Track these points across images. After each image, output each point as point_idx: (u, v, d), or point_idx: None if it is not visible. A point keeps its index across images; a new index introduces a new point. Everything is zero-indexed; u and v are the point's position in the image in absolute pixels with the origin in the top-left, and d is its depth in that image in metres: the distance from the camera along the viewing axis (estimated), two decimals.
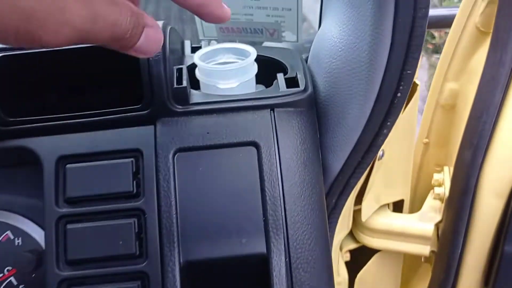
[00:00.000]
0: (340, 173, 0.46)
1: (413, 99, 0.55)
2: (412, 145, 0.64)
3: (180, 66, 0.41)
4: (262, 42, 0.69)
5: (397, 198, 0.68)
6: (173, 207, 0.38)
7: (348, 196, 0.50)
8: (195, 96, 0.42)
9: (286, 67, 0.47)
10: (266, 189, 0.39)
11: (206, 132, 0.40)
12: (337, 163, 0.46)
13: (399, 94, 0.40)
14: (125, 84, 0.43)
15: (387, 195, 0.67)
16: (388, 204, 0.70)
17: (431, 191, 0.72)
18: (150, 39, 0.29)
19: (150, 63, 0.39)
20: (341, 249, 0.67)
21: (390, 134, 0.48)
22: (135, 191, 0.39)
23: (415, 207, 0.76)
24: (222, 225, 0.38)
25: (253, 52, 0.44)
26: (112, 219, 0.39)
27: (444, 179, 0.67)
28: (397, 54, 0.38)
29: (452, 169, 0.68)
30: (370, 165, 0.55)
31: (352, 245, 0.71)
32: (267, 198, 0.39)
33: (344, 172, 0.46)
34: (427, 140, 0.71)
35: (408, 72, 0.39)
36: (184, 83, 0.40)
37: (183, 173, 0.39)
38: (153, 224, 0.38)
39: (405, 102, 0.43)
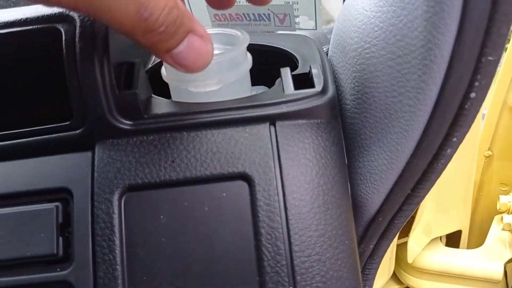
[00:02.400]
0: (380, 211, 0.32)
1: None
2: (474, 159, 0.49)
3: (131, 61, 0.28)
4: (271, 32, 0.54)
5: (453, 228, 0.53)
6: (119, 279, 0.25)
7: (391, 240, 0.35)
8: (157, 106, 0.28)
9: (296, 60, 0.33)
10: (263, 245, 0.25)
11: (171, 160, 0.26)
12: (375, 198, 0.31)
13: (472, 95, 0.25)
14: (56, 97, 0.30)
15: (440, 226, 0.51)
16: (440, 236, 0.54)
17: (496, 217, 0.56)
18: (195, 50, 0.24)
19: (78, 57, 0.26)
20: None
21: None
22: (61, 253, 0.26)
23: (473, 237, 0.60)
24: None
25: (244, 38, 0.30)
26: None
27: None
28: (472, 30, 0.23)
29: None
30: None
31: None
32: (265, 257, 0.24)
33: (386, 210, 0.31)
34: (489, 152, 0.56)
35: (490, 58, 0.24)
36: (136, 86, 0.27)
37: (135, 225, 0.25)
38: None
39: None
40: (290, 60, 0.33)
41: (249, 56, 0.31)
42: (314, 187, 0.26)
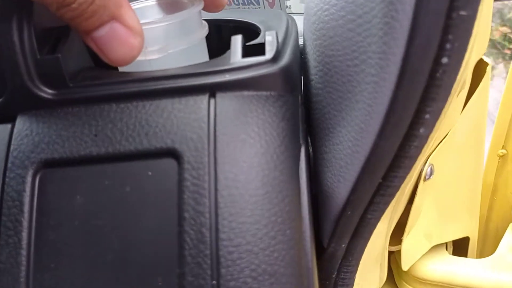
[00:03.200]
0: (348, 203, 0.27)
1: (481, 85, 0.35)
2: (480, 158, 0.44)
3: (60, 26, 0.25)
4: None
5: (459, 235, 0.48)
6: (22, 265, 0.21)
7: (367, 239, 0.31)
8: (90, 75, 0.25)
9: (260, 32, 0.29)
10: (185, 231, 0.21)
11: (93, 134, 0.23)
12: (341, 187, 0.27)
13: (444, 60, 0.21)
14: None
15: (443, 231, 0.46)
16: (446, 243, 0.49)
17: (511, 224, 0.51)
18: (117, 39, 0.23)
19: None
20: None
21: (446, 141, 0.28)
22: None
23: (488, 245, 0.55)
24: None
25: (197, 2, 0.26)
26: None
27: None
28: None
29: None
30: (412, 189, 0.36)
31: None
32: (187, 245, 0.21)
33: (355, 202, 0.27)
34: (504, 151, 0.50)
35: (462, 13, 0.20)
36: (60, 51, 0.24)
37: (47, 205, 0.22)
38: None
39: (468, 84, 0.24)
40: (254, 34, 0.30)
41: (204, 24, 0.28)
42: (252, 166, 0.22)
